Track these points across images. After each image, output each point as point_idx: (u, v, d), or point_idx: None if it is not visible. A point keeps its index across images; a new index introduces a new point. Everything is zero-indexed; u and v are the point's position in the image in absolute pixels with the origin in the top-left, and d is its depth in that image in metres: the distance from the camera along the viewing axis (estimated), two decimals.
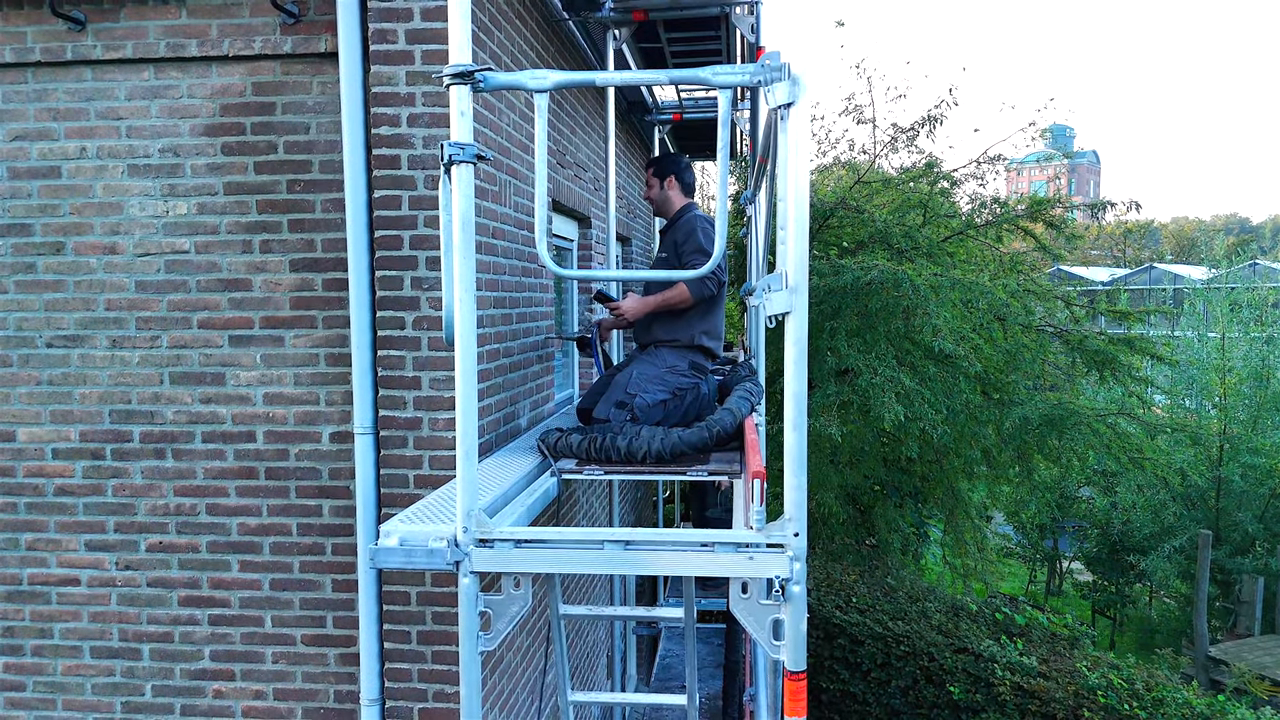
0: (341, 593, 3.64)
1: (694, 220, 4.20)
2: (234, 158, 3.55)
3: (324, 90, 3.50)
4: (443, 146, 2.23)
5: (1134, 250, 68.72)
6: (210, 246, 3.59)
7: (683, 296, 3.96)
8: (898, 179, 9.41)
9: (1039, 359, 9.21)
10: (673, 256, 4.15)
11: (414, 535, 2.35)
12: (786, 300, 2.19)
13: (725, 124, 2.35)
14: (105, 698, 3.79)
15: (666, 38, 5.92)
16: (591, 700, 2.81)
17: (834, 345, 7.74)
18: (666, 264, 4.16)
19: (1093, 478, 16.04)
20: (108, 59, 3.54)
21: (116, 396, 3.68)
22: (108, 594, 3.76)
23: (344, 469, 3.59)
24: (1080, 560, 19.15)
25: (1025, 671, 8.21)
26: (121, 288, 3.64)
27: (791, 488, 2.23)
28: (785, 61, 2.15)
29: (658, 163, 4.46)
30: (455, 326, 2.27)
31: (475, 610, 2.31)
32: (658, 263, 4.35)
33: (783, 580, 2.21)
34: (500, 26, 3.99)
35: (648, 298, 4.01)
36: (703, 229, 4.13)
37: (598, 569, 2.30)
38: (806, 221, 2.22)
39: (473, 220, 2.29)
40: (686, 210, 4.29)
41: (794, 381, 2.22)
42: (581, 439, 3.29)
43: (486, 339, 3.82)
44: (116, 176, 3.60)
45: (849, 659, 9.70)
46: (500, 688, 3.97)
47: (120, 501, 3.72)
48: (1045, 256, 9.45)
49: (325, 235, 3.54)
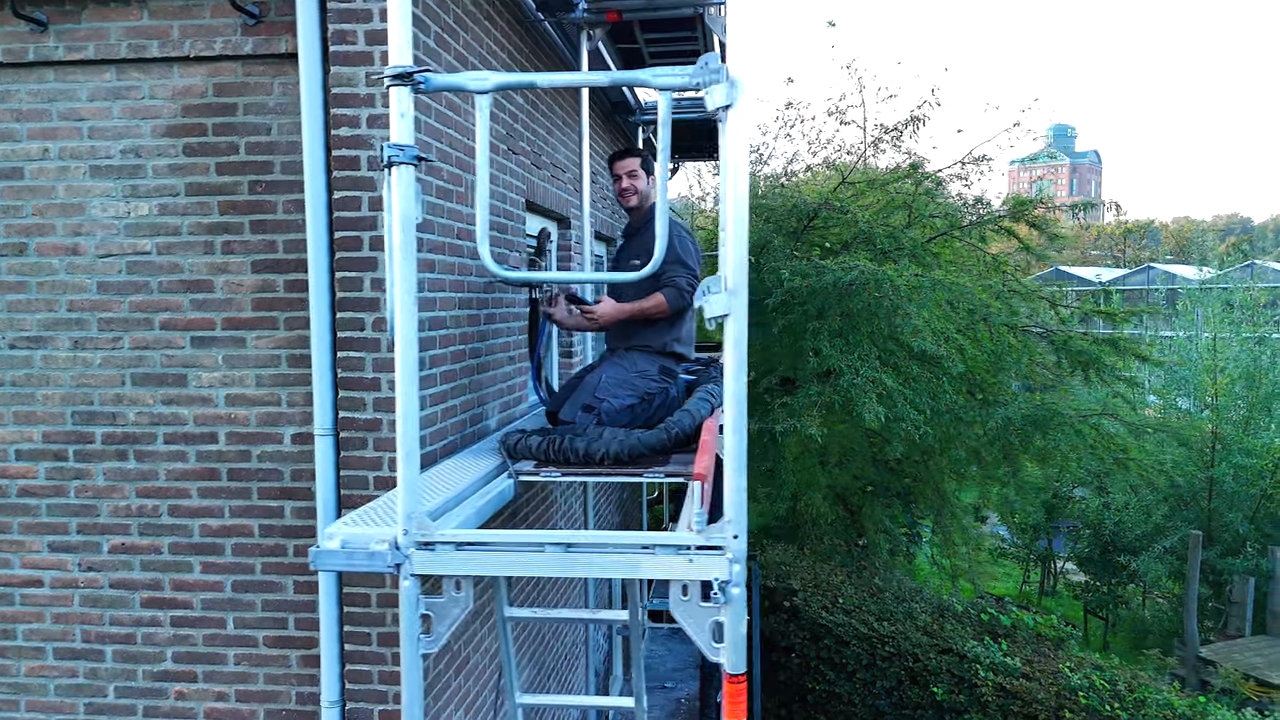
0: (303, 594, 3.63)
1: (671, 226, 4.11)
2: (195, 158, 3.55)
3: (285, 91, 3.49)
4: (382, 148, 2.23)
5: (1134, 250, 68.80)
6: (172, 247, 3.58)
7: (661, 307, 3.88)
8: (881, 179, 9.41)
9: (1024, 359, 9.20)
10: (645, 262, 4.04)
11: (356, 538, 2.35)
12: (725, 303, 2.19)
13: (665, 125, 2.34)
14: (68, 699, 3.78)
15: (644, 38, 5.91)
16: (540, 703, 2.81)
17: (816, 346, 7.74)
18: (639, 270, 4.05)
19: (1086, 478, 16.04)
20: (70, 60, 3.54)
21: (79, 398, 3.67)
22: (70, 595, 3.75)
23: (306, 470, 3.59)
24: (1072, 561, 19.14)
25: (1008, 672, 8.20)
26: (83, 289, 3.63)
27: (731, 490, 2.23)
28: (723, 64, 2.15)
29: (644, 156, 4.31)
30: (396, 328, 2.27)
31: (416, 613, 2.31)
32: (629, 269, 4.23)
33: (722, 583, 2.21)
34: (467, 28, 3.99)
35: (624, 305, 3.94)
36: (679, 237, 4.05)
37: (538, 572, 2.29)
38: (746, 223, 2.21)
39: (414, 221, 2.28)
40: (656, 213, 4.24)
41: (733, 383, 2.22)
42: (541, 441, 3.28)
43: (451, 339, 3.82)
44: (79, 177, 3.60)
45: (835, 659, 9.70)
46: (465, 689, 3.97)
47: (83, 503, 3.71)
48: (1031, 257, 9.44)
49: (287, 236, 3.53)
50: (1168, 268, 40.93)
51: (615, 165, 4.22)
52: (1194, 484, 15.97)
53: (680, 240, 3.92)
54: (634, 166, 4.13)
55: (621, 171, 4.18)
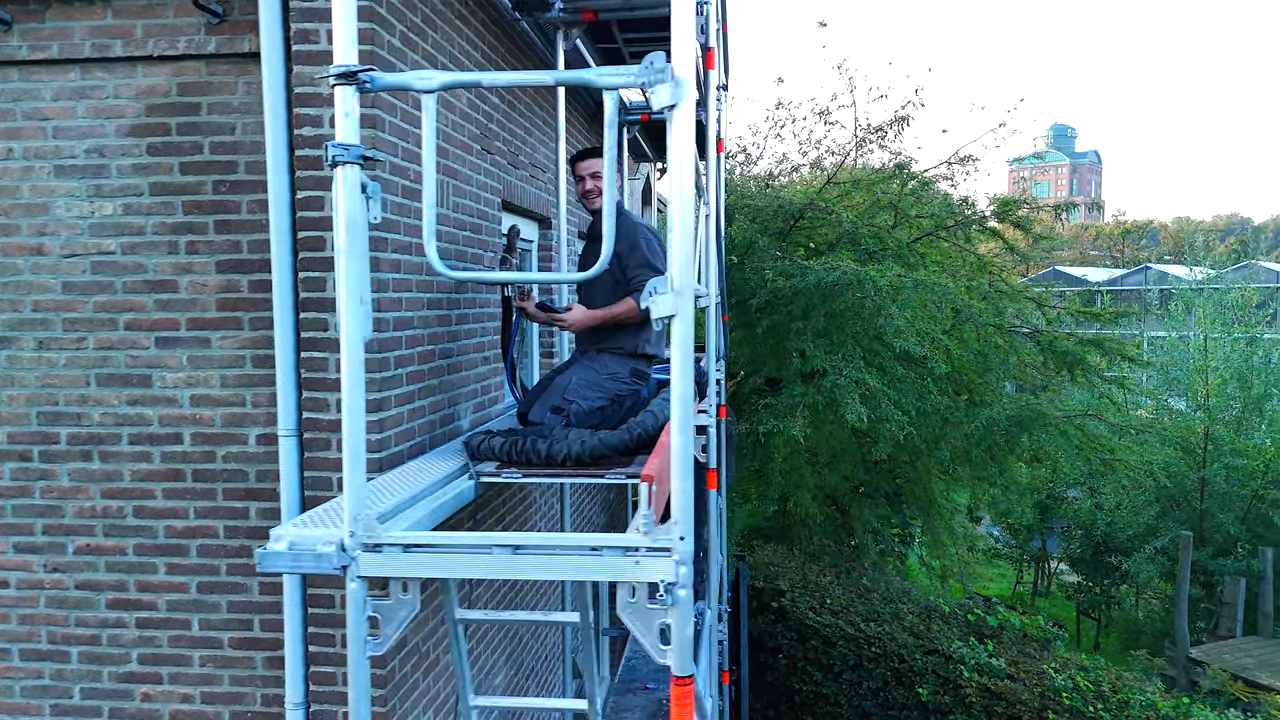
0: (268, 595, 3.62)
1: (636, 230, 4.00)
2: (160, 158, 3.53)
3: (249, 91, 3.48)
4: (327, 147, 2.22)
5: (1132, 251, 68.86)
6: (136, 247, 3.57)
7: (632, 312, 3.81)
8: (867, 179, 9.40)
9: (1011, 360, 9.19)
10: (615, 269, 3.94)
11: (304, 539, 2.34)
12: (672, 303, 2.18)
13: (612, 125, 2.33)
14: (35, 700, 3.77)
15: (623, 38, 5.90)
16: (491, 705, 2.80)
17: (800, 346, 7.73)
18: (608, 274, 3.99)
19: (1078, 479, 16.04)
20: (34, 60, 3.52)
21: (44, 398, 3.66)
22: (36, 596, 3.74)
23: (271, 471, 3.57)
24: (1065, 561, 19.15)
25: (993, 673, 8.20)
26: (48, 289, 3.62)
27: (677, 491, 2.22)
28: (668, 64, 2.14)
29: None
30: (342, 328, 2.25)
31: (363, 615, 2.29)
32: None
33: (668, 584, 2.20)
34: (436, 27, 3.98)
35: (595, 312, 3.89)
36: (646, 240, 3.96)
37: (486, 574, 2.28)
38: (692, 223, 2.20)
39: (360, 221, 2.27)
40: (621, 214, 4.16)
41: (680, 384, 2.21)
42: (504, 442, 3.27)
43: (419, 340, 3.81)
44: (43, 177, 3.58)
45: (822, 660, 9.71)
46: (435, 690, 3.96)
47: (48, 504, 3.70)
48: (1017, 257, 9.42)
49: (251, 236, 3.52)
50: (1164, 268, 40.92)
51: (578, 166, 4.09)
52: (1186, 485, 15.98)
53: (648, 242, 3.89)
54: (598, 168, 4.00)
55: (585, 173, 4.06)
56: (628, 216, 4.11)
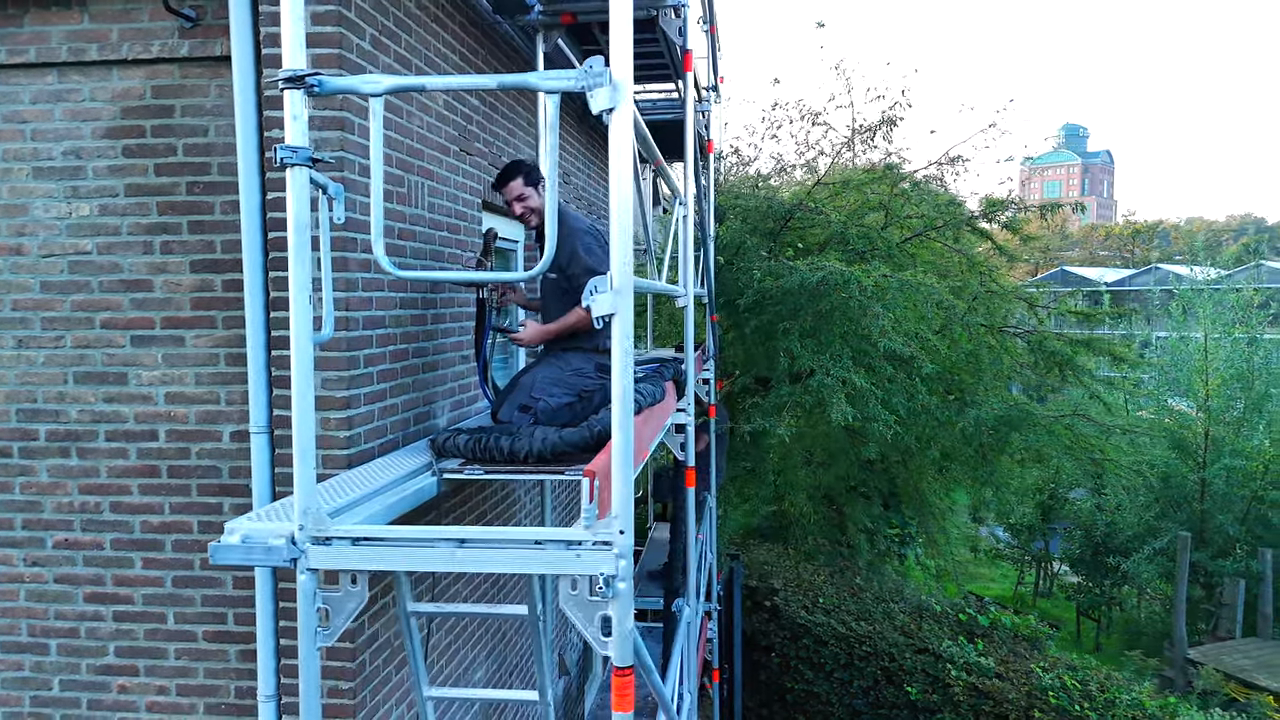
0: (242, 589, 3.68)
1: (575, 236, 3.91)
2: (134, 160, 3.60)
3: (221, 93, 3.54)
4: (276, 149, 2.27)
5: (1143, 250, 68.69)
6: (112, 247, 3.64)
7: (585, 322, 3.79)
8: (856, 180, 9.43)
9: (1004, 359, 9.21)
10: (561, 279, 3.93)
11: (256, 533, 2.40)
12: (611, 302, 2.22)
13: (553, 129, 2.38)
14: (14, 691, 3.84)
15: (604, 40, 5.94)
16: (447, 696, 2.85)
17: (788, 346, 7.76)
18: (555, 285, 3.96)
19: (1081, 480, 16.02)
20: (12, 63, 3.59)
21: (23, 395, 3.73)
22: (16, 590, 3.81)
23: (244, 467, 3.63)
24: (1065, 562, 19.13)
25: (982, 672, 8.23)
26: (27, 288, 3.69)
27: (617, 485, 2.27)
28: (606, 68, 2.19)
29: (526, 171, 4.05)
30: (291, 328, 2.31)
31: (313, 606, 2.35)
32: (544, 282, 4.11)
33: (608, 577, 2.24)
34: (410, 30, 4.03)
35: (549, 325, 3.92)
36: (585, 245, 3.89)
37: (431, 567, 2.33)
38: (630, 223, 2.25)
39: (308, 222, 2.33)
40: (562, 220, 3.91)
41: (620, 381, 2.26)
42: (468, 439, 3.33)
43: (391, 339, 3.86)
44: (21, 179, 3.65)
45: (813, 659, 9.74)
46: (407, 683, 4.01)
47: (28, 499, 3.77)
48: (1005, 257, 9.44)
49: (224, 236, 3.58)
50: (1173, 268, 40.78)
51: (501, 190, 4.05)
52: (1186, 486, 15.96)
53: (586, 247, 3.83)
54: (518, 190, 3.99)
55: (509, 197, 4.02)
56: (568, 222, 3.98)
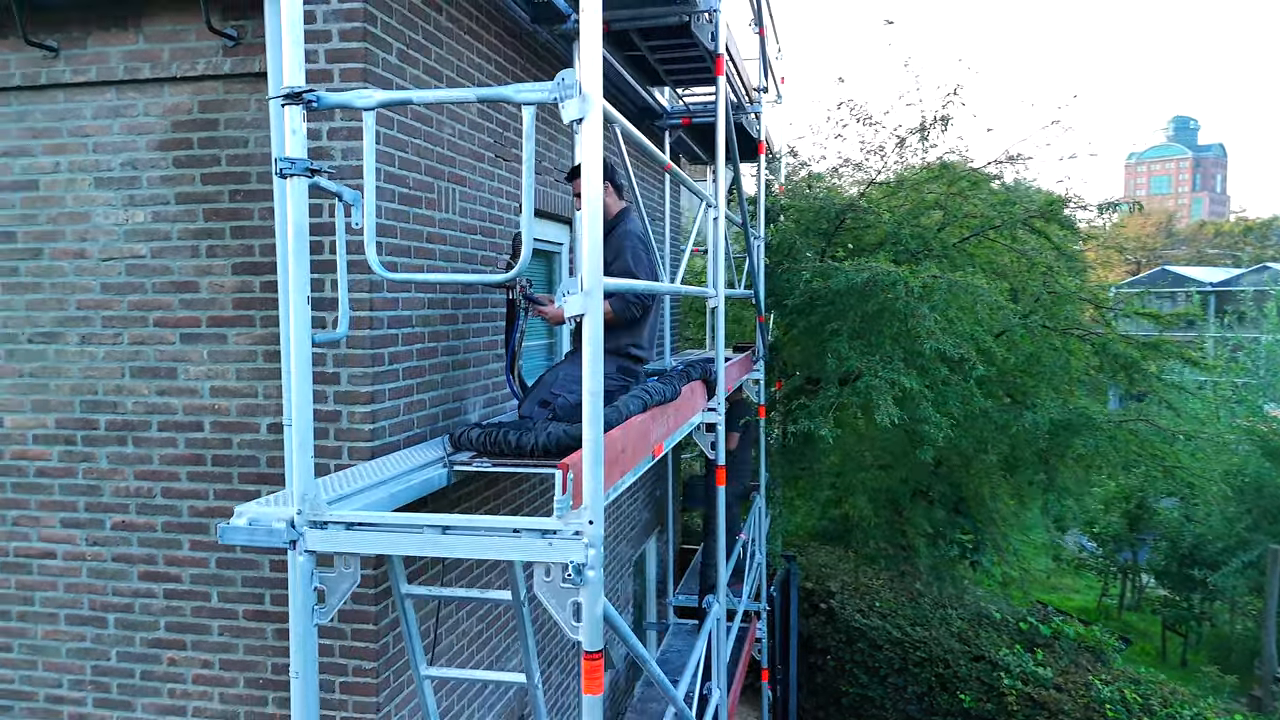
0: (277, 572, 3.92)
1: (627, 237, 4.19)
2: (183, 170, 3.87)
3: (260, 107, 3.78)
4: (275, 161, 2.45)
5: (1255, 249, 65.24)
6: (163, 251, 3.92)
7: (607, 316, 4.05)
8: (910, 180, 9.28)
9: (1068, 363, 8.95)
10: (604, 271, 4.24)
11: (262, 516, 2.59)
12: (581, 303, 2.33)
13: (529, 138, 2.50)
14: (78, 661, 4.17)
15: (647, 45, 6.06)
16: (444, 675, 3.00)
17: (836, 347, 7.73)
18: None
19: (1170, 488, 15.39)
20: (76, 82, 3.91)
21: (86, 388, 4.05)
22: (79, 567, 4.14)
23: (280, 457, 3.87)
24: (1149, 574, 18.36)
25: (1039, 682, 8.04)
26: (89, 289, 4.01)
27: (588, 479, 2.37)
28: (576, 79, 2.30)
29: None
30: (290, 325, 2.49)
31: (310, 586, 2.53)
32: None
33: (578, 565, 2.36)
34: (440, 42, 4.22)
35: None
36: (633, 249, 4.14)
37: (416, 551, 2.48)
38: (600, 228, 2.36)
39: (306, 228, 2.50)
40: (623, 218, 4.37)
41: (590, 380, 2.37)
42: (480, 433, 3.48)
43: (418, 337, 4.06)
44: (84, 189, 3.97)
45: (868, 663, 9.66)
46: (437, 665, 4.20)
47: (89, 483, 4.09)
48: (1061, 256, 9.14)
49: (262, 241, 3.82)
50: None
51: (572, 184, 4.37)
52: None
53: (633, 252, 4.03)
54: (577, 187, 4.23)
55: (575, 192, 4.34)
56: (625, 224, 4.30)
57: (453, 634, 4.37)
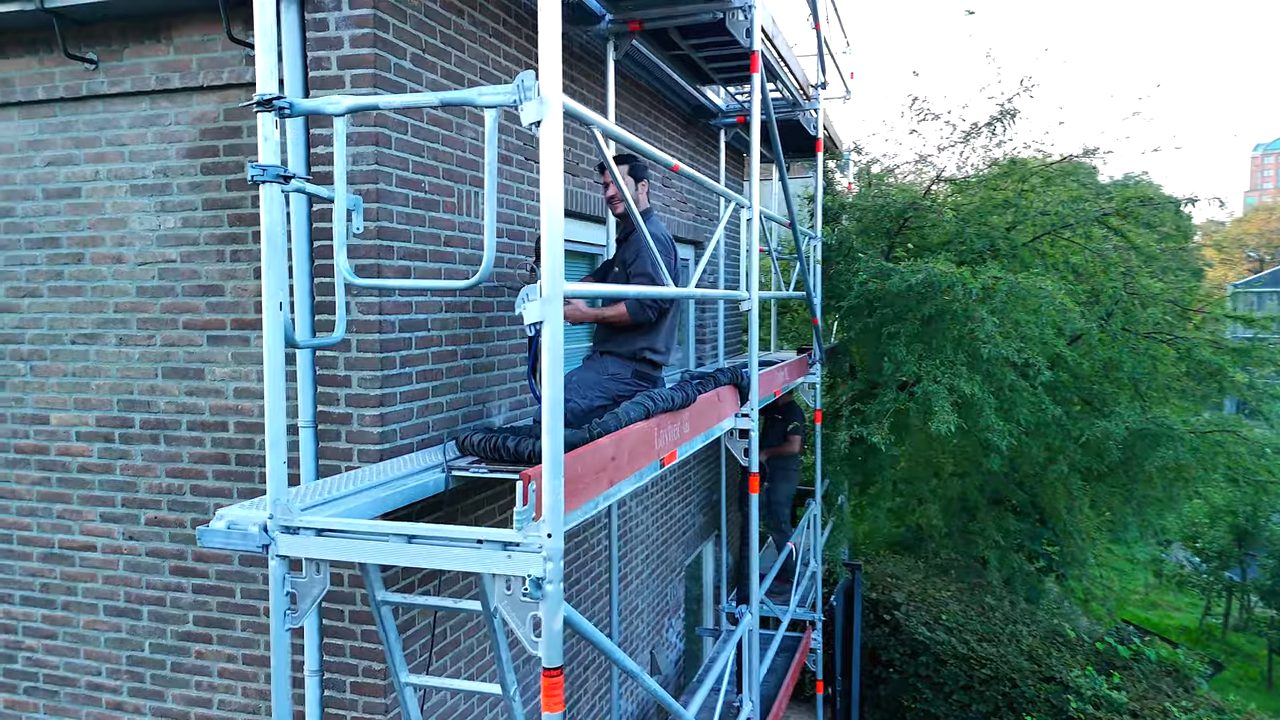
0: (294, 573, 3.98)
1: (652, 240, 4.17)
2: (210, 176, 3.97)
3: None
4: (248, 167, 2.47)
5: None
6: (192, 256, 4.03)
7: (621, 317, 4.03)
8: (976, 178, 8.88)
9: (1154, 369, 8.43)
10: (623, 274, 4.18)
11: (240, 519, 2.62)
12: (539, 310, 2.27)
13: (491, 143, 2.45)
14: (115, 650, 4.33)
15: (688, 44, 5.97)
16: (420, 683, 2.98)
17: (893, 351, 7.46)
18: (617, 280, 4.21)
19: (1272, 503, 14.39)
20: (113, 93, 4.06)
21: (123, 388, 4.20)
22: (117, 560, 4.30)
23: (295, 458, 3.93)
24: (1255, 593, 17.23)
25: (1112, 707, 7.60)
26: (126, 293, 4.15)
27: (548, 491, 2.31)
28: (535, 81, 2.24)
29: (632, 162, 4.40)
30: (264, 331, 2.50)
31: (283, 590, 2.54)
32: (611, 277, 4.35)
33: (536, 579, 2.30)
34: (462, 46, 4.23)
35: (587, 310, 4.09)
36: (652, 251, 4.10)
37: (382, 559, 2.47)
38: (560, 232, 2.29)
39: (280, 233, 2.51)
40: (646, 218, 4.30)
41: (550, 389, 2.30)
42: (482, 438, 3.46)
43: (433, 340, 4.07)
44: (122, 195, 4.12)
45: (932, 678, 9.33)
46: (454, 669, 4.20)
47: (126, 479, 4.24)
48: (1139, 255, 8.57)
49: None
50: None
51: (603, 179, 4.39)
52: None
53: (650, 252, 3.96)
54: (606, 179, 4.26)
55: (606, 183, 4.34)
56: (651, 228, 4.23)
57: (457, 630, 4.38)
